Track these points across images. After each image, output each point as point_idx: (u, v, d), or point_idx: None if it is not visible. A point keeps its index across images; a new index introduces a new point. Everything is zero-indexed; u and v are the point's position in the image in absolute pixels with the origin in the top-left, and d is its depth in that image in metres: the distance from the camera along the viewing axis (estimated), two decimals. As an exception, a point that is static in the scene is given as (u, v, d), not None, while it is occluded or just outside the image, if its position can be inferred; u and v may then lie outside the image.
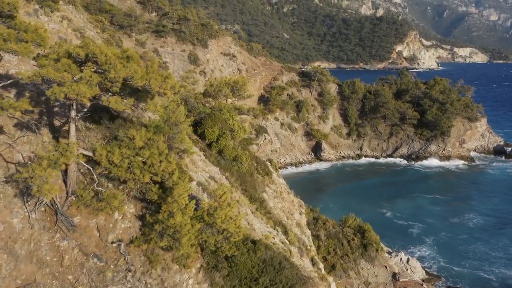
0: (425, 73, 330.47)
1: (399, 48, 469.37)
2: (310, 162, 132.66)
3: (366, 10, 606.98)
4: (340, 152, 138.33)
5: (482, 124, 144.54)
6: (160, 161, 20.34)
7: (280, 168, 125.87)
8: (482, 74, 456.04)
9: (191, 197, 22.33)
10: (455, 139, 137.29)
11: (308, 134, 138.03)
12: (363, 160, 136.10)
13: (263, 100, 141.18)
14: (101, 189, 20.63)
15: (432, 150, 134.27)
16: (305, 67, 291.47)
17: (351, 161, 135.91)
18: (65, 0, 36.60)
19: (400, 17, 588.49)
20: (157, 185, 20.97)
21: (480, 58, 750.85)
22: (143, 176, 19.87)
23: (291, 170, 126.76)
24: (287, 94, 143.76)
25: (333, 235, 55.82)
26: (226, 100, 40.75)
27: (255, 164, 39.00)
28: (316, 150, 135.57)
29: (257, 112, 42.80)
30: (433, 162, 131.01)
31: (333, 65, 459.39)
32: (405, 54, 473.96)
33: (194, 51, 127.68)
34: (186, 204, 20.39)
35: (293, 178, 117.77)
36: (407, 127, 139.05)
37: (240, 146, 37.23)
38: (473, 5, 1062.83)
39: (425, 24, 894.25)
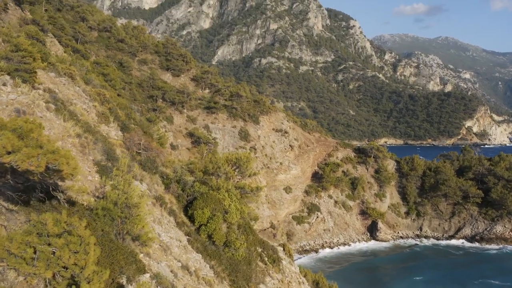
0: (496, 149, 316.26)
1: (468, 123, 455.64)
2: (365, 242, 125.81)
3: (434, 86, 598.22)
4: (398, 232, 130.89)
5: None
6: (75, 252, 17.11)
7: (331, 247, 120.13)
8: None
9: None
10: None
11: (364, 213, 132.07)
12: (423, 241, 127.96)
13: (317, 177, 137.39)
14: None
15: (498, 231, 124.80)
16: (376, 143, 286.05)
17: (410, 242, 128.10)
18: (57, 72, 35.23)
19: (469, 93, 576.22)
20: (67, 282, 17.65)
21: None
22: (44, 270, 16.65)
23: (344, 250, 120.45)
24: (342, 171, 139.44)
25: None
26: (230, 179, 37.56)
27: (259, 250, 35.11)
28: (372, 230, 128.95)
29: (260, 192, 38.89)
30: (499, 244, 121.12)
31: (400, 141, 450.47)
32: (475, 129, 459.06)
33: (245, 127, 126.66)
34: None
35: (345, 259, 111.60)
36: (470, 206, 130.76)
37: (242, 228, 33.67)
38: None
39: (496, 99, 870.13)
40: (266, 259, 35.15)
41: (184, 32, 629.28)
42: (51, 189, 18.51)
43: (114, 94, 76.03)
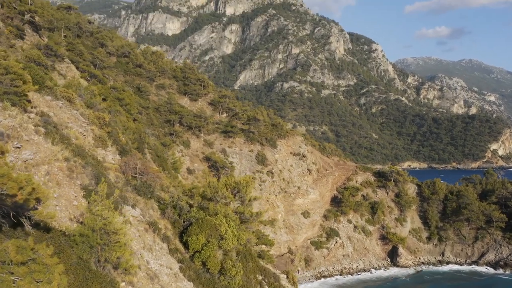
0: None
1: (494, 146, 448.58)
2: (385, 268, 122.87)
3: (458, 108, 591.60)
4: (419, 258, 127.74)
5: None
6: (39, 281, 16.27)
7: (351, 273, 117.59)
8: None
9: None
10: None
11: (384, 238, 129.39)
12: (445, 267, 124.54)
13: (336, 201, 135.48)
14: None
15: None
16: (397, 167, 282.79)
17: (431, 268, 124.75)
18: (54, 95, 34.86)
19: (494, 115, 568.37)
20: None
21: None
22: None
23: (364, 276, 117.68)
24: (362, 195, 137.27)
25: None
26: (230, 204, 36.51)
27: (259, 278, 33.85)
28: (393, 255, 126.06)
29: (260, 218, 37.53)
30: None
31: (424, 165, 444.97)
32: (500, 152, 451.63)
33: (262, 151, 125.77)
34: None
35: (365, 286, 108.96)
36: (494, 230, 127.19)
37: (242, 255, 32.53)
38: None
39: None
40: (266, 287, 33.87)
41: (207, 58, 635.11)
42: (11, 214, 17.70)
43: (126, 119, 75.94)
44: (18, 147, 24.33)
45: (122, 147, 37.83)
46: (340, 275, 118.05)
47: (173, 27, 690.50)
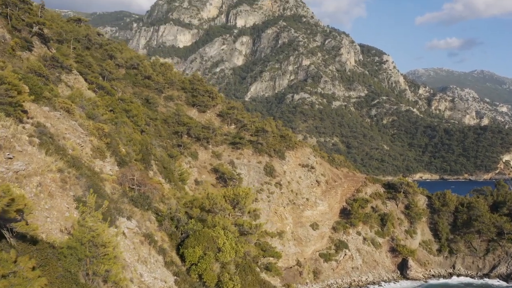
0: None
1: (506, 157, 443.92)
2: (395, 281, 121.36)
3: (470, 120, 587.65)
4: (430, 271, 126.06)
5: None
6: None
7: (360, 286, 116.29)
8: None
9: None
10: None
11: (394, 250, 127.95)
12: (456, 279, 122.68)
13: (345, 213, 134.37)
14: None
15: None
16: (406, 178, 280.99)
17: (442, 280, 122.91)
18: (52, 106, 34.65)
19: (506, 126, 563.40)
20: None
21: None
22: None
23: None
24: (371, 207, 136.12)
25: None
26: (229, 215, 35.97)
27: (259, 291, 33.23)
28: (403, 268, 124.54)
29: (259, 231, 36.93)
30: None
31: (435, 176, 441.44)
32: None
33: (270, 162, 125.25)
34: None
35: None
36: (505, 243, 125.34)
37: (241, 268, 31.93)
38: None
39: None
40: (265, 300, 33.26)
41: (218, 69, 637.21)
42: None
43: (132, 130, 75.84)
44: (10, 158, 24.03)
45: (121, 158, 37.54)
46: (349, 287, 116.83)
47: (184, 39, 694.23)
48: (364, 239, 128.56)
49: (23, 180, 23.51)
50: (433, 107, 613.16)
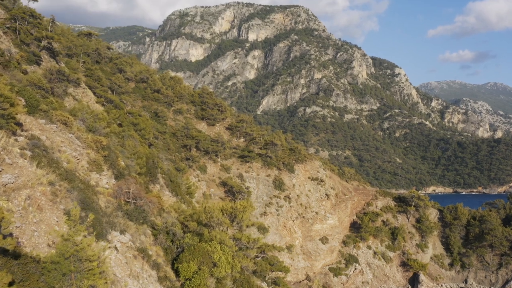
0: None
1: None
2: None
3: (483, 132, 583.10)
4: (442, 285, 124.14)
5: None
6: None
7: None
8: None
9: None
10: None
11: (405, 264, 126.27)
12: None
13: (355, 226, 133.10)
14: None
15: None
16: (419, 192, 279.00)
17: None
18: (48, 118, 34.46)
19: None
20: None
21: None
22: None
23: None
24: (382, 221, 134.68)
25: None
26: (227, 229, 35.37)
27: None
28: (414, 283, 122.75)
29: (257, 245, 36.25)
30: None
31: (449, 190, 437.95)
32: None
33: (279, 176, 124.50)
34: None
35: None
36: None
37: (238, 283, 31.30)
38: None
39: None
40: (263, 316, 32.59)
41: (230, 83, 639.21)
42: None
43: (139, 143, 75.64)
44: (-1, 171, 23.74)
45: (119, 171, 37.19)
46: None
47: (196, 53, 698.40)
48: (375, 253, 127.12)
49: (11, 193, 23.18)
50: (446, 120, 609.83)
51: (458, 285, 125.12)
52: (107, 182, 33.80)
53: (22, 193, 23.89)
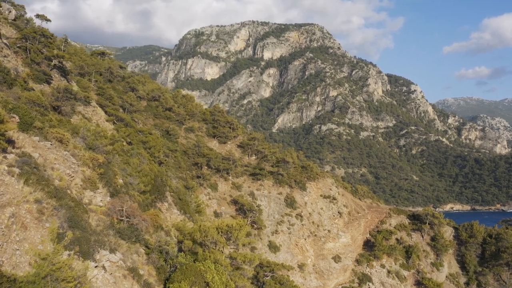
0: None
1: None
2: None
3: (501, 149, 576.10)
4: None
5: None
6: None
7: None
8: None
9: None
10: None
11: (419, 283, 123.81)
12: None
13: (368, 245, 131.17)
14: None
15: None
16: (437, 209, 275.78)
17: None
18: (43, 136, 34.20)
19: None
20: None
21: None
22: None
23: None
24: (396, 239, 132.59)
25: None
26: (223, 249, 34.65)
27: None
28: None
29: (251, 262, 35.55)
30: None
31: (467, 207, 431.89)
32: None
33: (291, 193, 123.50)
34: None
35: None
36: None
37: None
38: None
39: None
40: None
41: (245, 101, 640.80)
42: None
43: (146, 161, 75.40)
44: (-18, 188, 23.38)
45: (115, 189, 36.75)
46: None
47: (212, 72, 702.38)
48: (389, 272, 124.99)
49: (-6, 211, 22.79)
50: (463, 137, 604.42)
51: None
52: (101, 200, 33.37)
53: (6, 211, 23.47)
